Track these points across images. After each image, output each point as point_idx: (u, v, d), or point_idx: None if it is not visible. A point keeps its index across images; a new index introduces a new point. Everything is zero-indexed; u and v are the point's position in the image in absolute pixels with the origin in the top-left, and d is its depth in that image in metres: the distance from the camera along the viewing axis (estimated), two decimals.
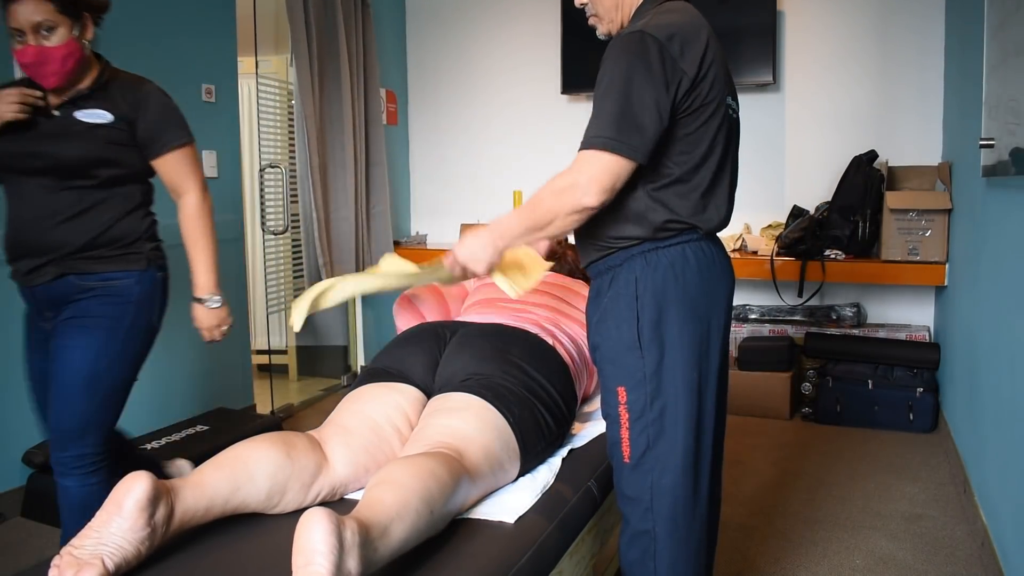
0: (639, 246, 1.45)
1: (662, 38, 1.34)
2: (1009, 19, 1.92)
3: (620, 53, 1.37)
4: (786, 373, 3.56)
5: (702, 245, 1.47)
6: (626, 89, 1.34)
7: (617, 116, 1.34)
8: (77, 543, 1.15)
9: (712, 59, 1.40)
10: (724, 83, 1.45)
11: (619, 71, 1.35)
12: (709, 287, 1.47)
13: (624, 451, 1.46)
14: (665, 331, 1.43)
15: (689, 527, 1.45)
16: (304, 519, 1.05)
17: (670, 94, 1.35)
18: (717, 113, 1.43)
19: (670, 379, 1.43)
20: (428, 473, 1.28)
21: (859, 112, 3.83)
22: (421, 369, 1.70)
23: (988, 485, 2.27)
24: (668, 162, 1.42)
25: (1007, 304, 2.08)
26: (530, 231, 1.41)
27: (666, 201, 1.43)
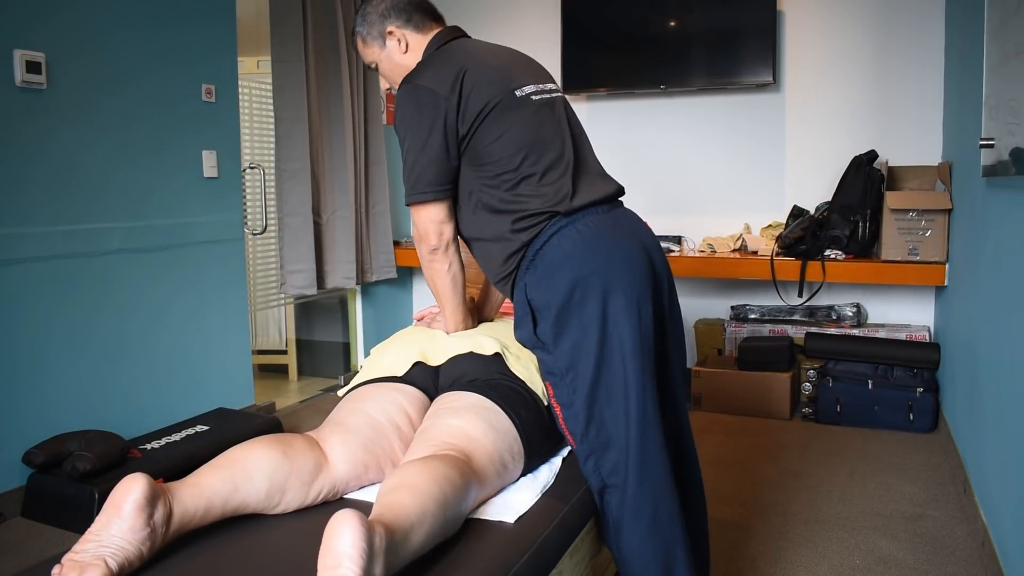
0: (524, 257, 1.57)
1: (422, 82, 1.55)
2: (1009, 19, 1.92)
3: (396, 111, 1.60)
4: (786, 373, 3.56)
5: (576, 227, 1.55)
6: (407, 141, 1.57)
7: (408, 172, 1.59)
8: (78, 548, 1.15)
9: (465, 74, 1.55)
10: (498, 82, 1.58)
11: (398, 127, 1.59)
12: (600, 262, 1.52)
13: (570, 440, 1.58)
14: (565, 322, 1.52)
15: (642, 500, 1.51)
16: (335, 520, 1.04)
17: (443, 127, 1.54)
18: (510, 109, 1.56)
19: (583, 366, 1.51)
20: (444, 478, 1.28)
21: (859, 112, 3.83)
22: (422, 370, 1.69)
23: (988, 485, 2.27)
24: (494, 174, 1.56)
25: (1007, 304, 2.08)
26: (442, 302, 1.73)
27: (507, 207, 1.57)
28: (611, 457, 1.52)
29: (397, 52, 1.70)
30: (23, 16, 2.56)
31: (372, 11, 1.70)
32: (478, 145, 1.56)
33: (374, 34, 1.70)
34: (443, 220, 1.61)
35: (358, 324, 4.41)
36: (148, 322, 3.02)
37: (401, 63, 1.70)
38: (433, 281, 1.70)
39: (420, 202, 1.60)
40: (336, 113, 3.84)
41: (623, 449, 1.51)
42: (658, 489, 1.52)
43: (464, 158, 1.59)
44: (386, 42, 1.70)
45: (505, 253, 1.59)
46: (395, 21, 1.69)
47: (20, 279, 2.58)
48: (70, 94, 2.71)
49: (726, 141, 4.03)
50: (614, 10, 4.03)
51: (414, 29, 1.69)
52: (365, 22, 1.71)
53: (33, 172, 2.61)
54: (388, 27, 1.69)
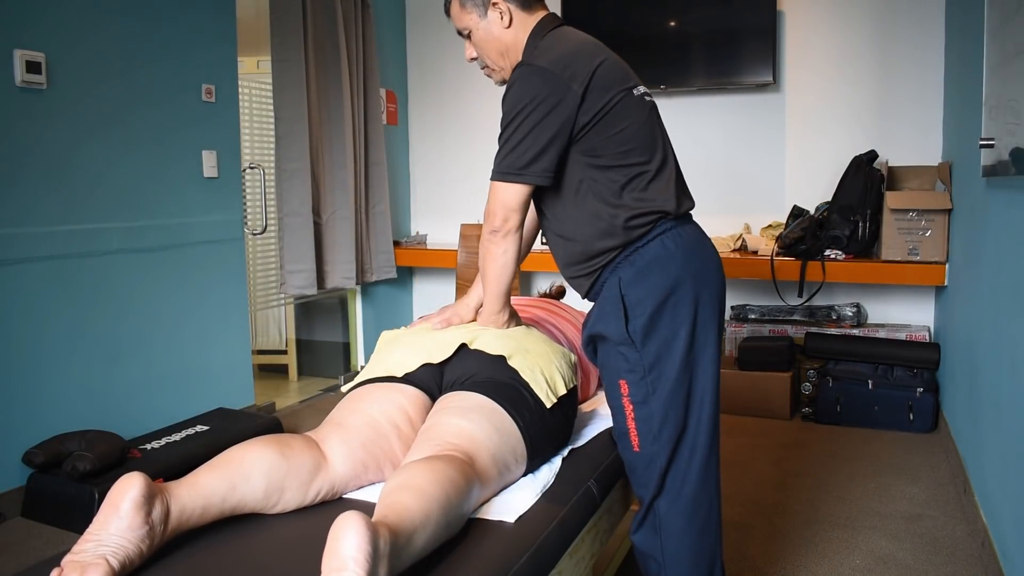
0: (621, 253, 1.57)
1: (545, 65, 1.51)
2: (1009, 19, 1.92)
3: (511, 89, 1.54)
4: (786, 373, 3.56)
5: (679, 231, 1.57)
6: (517, 120, 1.51)
7: (508, 148, 1.53)
8: (77, 549, 1.14)
9: (598, 66, 1.53)
10: (622, 78, 1.58)
11: (509, 105, 1.53)
12: (695, 269, 1.56)
13: (633, 441, 1.57)
14: (658, 322, 1.52)
15: (698, 504, 1.56)
16: (339, 522, 1.03)
17: (564, 114, 1.49)
18: (630, 107, 1.55)
19: (668, 366, 1.53)
20: (447, 479, 1.27)
21: (859, 112, 3.83)
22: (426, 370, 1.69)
23: (988, 485, 2.27)
24: (608, 166, 1.54)
25: (1007, 304, 2.08)
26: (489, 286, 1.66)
27: (622, 202, 1.54)
28: (678, 460, 1.55)
29: (498, 25, 1.63)
30: (23, 16, 2.56)
31: None
32: (596, 137, 1.53)
33: (476, 1, 1.63)
34: (516, 207, 1.56)
35: (358, 324, 4.41)
36: (148, 322, 3.02)
37: (500, 36, 1.64)
38: (484, 260, 1.64)
39: (507, 180, 1.54)
40: (336, 113, 3.84)
41: (690, 453, 1.55)
42: (712, 495, 1.59)
43: (578, 148, 1.55)
44: (487, 12, 1.63)
45: (604, 246, 1.57)
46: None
47: (20, 279, 2.58)
48: (70, 94, 2.71)
49: (726, 141, 4.03)
50: (614, 10, 4.03)
51: (520, 6, 1.63)
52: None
53: (33, 172, 2.61)
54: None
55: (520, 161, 1.52)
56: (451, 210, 4.63)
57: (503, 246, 1.59)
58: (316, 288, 3.76)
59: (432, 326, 1.78)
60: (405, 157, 4.75)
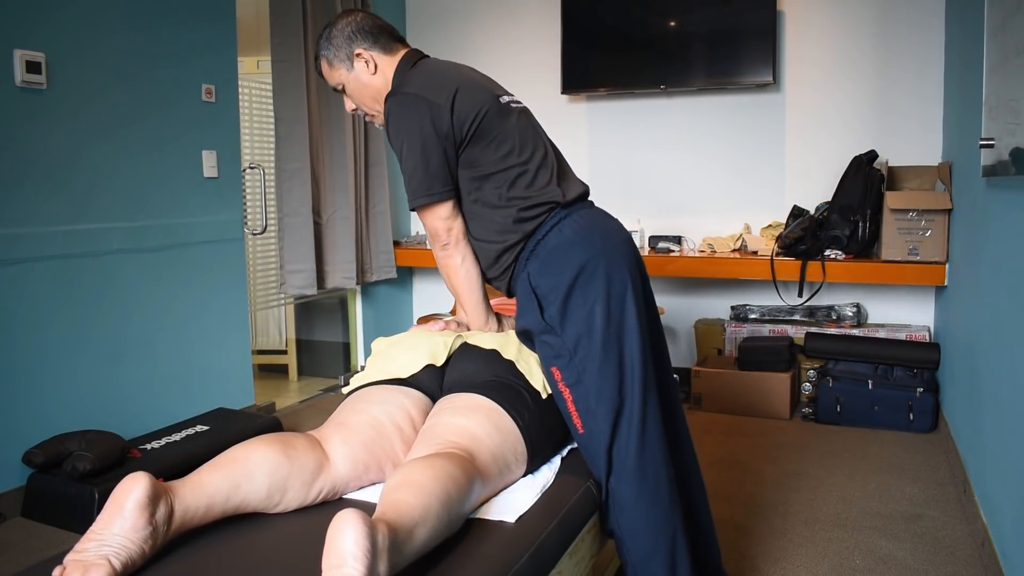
0: (524, 249, 1.67)
1: (413, 90, 1.64)
2: (1009, 19, 1.92)
3: (389, 120, 1.67)
4: (786, 373, 3.56)
5: (574, 217, 1.67)
6: (404, 148, 1.64)
7: (409, 178, 1.65)
8: (80, 548, 1.15)
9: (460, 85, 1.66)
10: (485, 92, 1.70)
11: (394, 136, 1.66)
12: (598, 248, 1.63)
13: (576, 423, 1.62)
14: (570, 305, 1.60)
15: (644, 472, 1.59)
16: (338, 519, 1.05)
17: (441, 130, 1.62)
18: (500, 115, 1.67)
19: (591, 345, 1.59)
20: (447, 476, 1.28)
21: (859, 112, 3.84)
22: (428, 372, 1.69)
23: (988, 485, 2.27)
24: (490, 173, 1.66)
25: (1007, 304, 2.08)
26: (462, 298, 1.77)
27: (510, 202, 1.66)
28: (619, 433, 1.59)
29: (365, 73, 1.76)
30: (23, 16, 2.56)
31: (338, 34, 1.76)
32: (474, 148, 1.66)
33: (341, 56, 1.76)
34: (450, 216, 1.69)
35: (358, 324, 4.41)
36: (148, 322, 3.02)
37: (369, 83, 1.76)
38: (449, 278, 1.76)
39: (426, 204, 1.67)
40: (336, 113, 3.84)
41: (627, 423, 1.59)
42: (657, 462, 1.61)
43: (462, 162, 1.67)
44: (354, 64, 1.76)
45: (505, 246, 1.68)
46: (362, 43, 1.75)
47: (20, 279, 2.58)
48: (70, 94, 2.71)
49: (726, 141, 4.03)
50: (614, 10, 4.04)
51: (381, 51, 1.76)
52: (331, 45, 1.76)
53: (33, 172, 2.61)
54: (356, 49, 1.75)
55: (425, 184, 1.64)
56: None
57: (458, 255, 1.72)
58: (316, 288, 3.76)
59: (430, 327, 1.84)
60: None
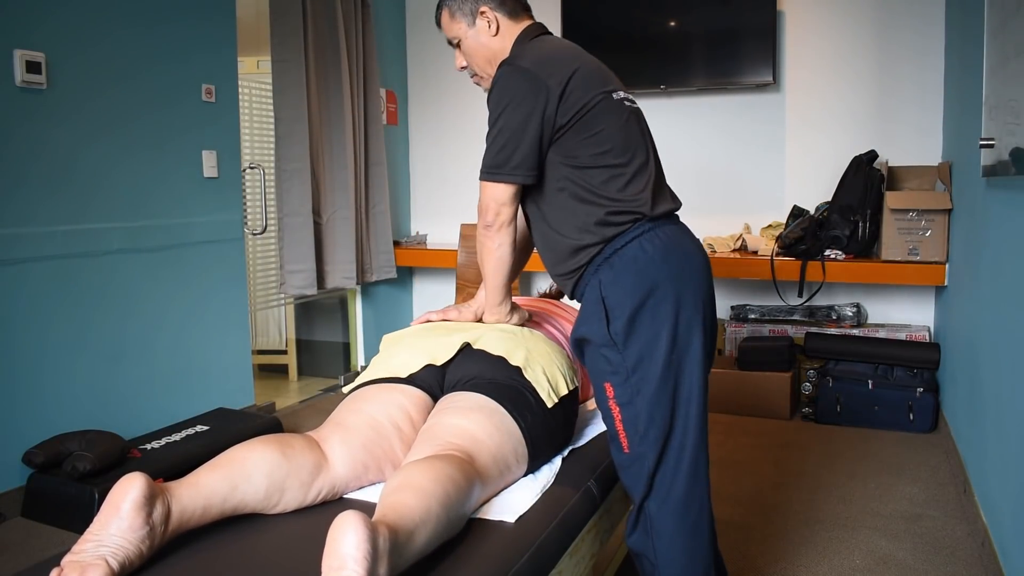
0: (600, 254, 1.58)
1: (526, 65, 1.57)
2: (1009, 20, 1.92)
3: (494, 88, 1.61)
4: (786, 373, 3.56)
5: (657, 232, 1.58)
6: (500, 120, 1.58)
7: (495, 148, 1.58)
8: (77, 549, 1.14)
9: (576, 69, 1.58)
10: (600, 83, 1.61)
11: (493, 104, 1.60)
12: (675, 270, 1.56)
13: (623, 442, 1.56)
14: (638, 323, 1.53)
15: (688, 504, 1.56)
16: (339, 522, 1.04)
17: (544, 112, 1.54)
18: (608, 110, 1.59)
19: (651, 367, 1.53)
20: (447, 478, 1.28)
21: (859, 112, 3.83)
22: (429, 371, 1.69)
23: (988, 485, 2.27)
24: (585, 166, 1.58)
25: (1007, 304, 2.08)
26: (486, 277, 1.71)
27: (598, 200, 1.57)
28: (666, 460, 1.55)
29: (486, 33, 1.70)
30: (23, 16, 2.56)
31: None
32: (575, 137, 1.58)
33: (465, 10, 1.71)
34: (506, 202, 1.61)
35: (358, 324, 4.41)
36: (148, 322, 3.02)
37: (488, 44, 1.71)
38: (482, 256, 1.69)
39: (495, 180, 1.60)
40: (336, 113, 3.84)
41: (678, 453, 1.55)
42: (702, 495, 1.58)
43: (556, 148, 1.59)
44: (476, 20, 1.70)
45: (581, 245, 1.60)
46: (489, 2, 1.70)
47: (20, 279, 2.58)
48: (70, 94, 2.71)
49: (726, 141, 4.03)
50: (614, 10, 4.03)
51: (506, 14, 1.70)
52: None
53: (33, 172, 2.61)
54: (482, 6, 1.69)
55: (506, 160, 1.57)
56: (451, 210, 4.63)
57: (498, 239, 1.64)
58: (316, 288, 3.76)
59: (433, 316, 1.84)
60: (405, 157, 4.75)
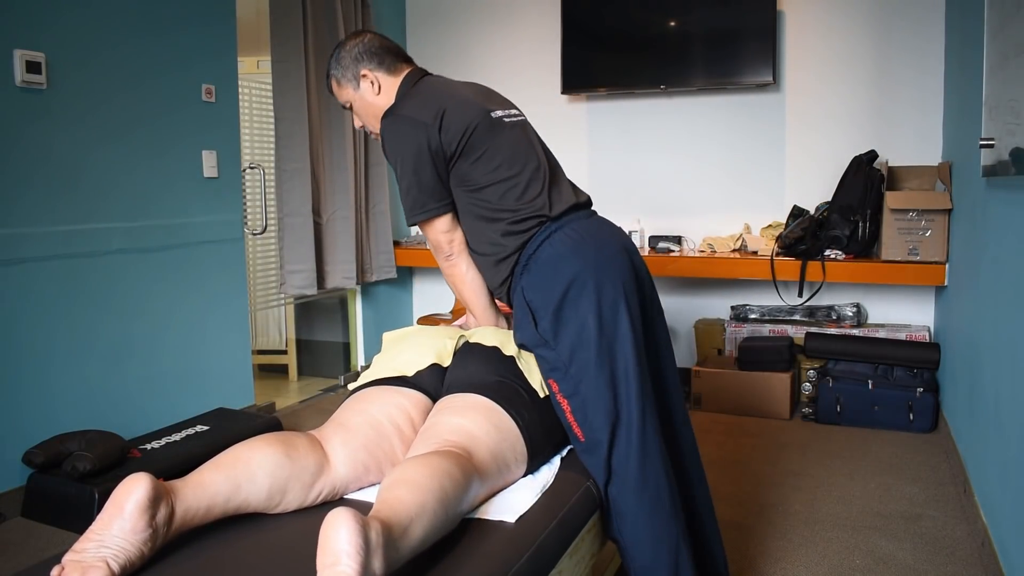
0: (517, 263, 1.70)
1: (404, 112, 1.71)
2: (1009, 20, 1.92)
3: (383, 140, 1.74)
4: (786, 373, 3.56)
5: (566, 230, 1.69)
6: (399, 167, 1.71)
7: (405, 195, 1.72)
8: (79, 547, 1.14)
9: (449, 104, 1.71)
10: (475, 108, 1.74)
11: (389, 155, 1.73)
12: (590, 259, 1.65)
13: (577, 433, 1.63)
14: (562, 317, 1.62)
15: (644, 482, 1.60)
16: (330, 518, 1.05)
17: (431, 148, 1.67)
18: (490, 131, 1.72)
19: (584, 356, 1.60)
20: (443, 473, 1.28)
21: (859, 112, 3.83)
22: (430, 372, 1.69)
23: (988, 485, 2.27)
24: (481, 186, 1.70)
25: (1007, 304, 2.08)
26: (470, 304, 1.83)
27: (500, 215, 1.70)
28: (618, 442, 1.60)
29: (370, 93, 1.82)
30: (23, 16, 2.56)
31: (346, 55, 1.82)
32: (464, 163, 1.71)
33: (348, 76, 1.82)
34: (450, 229, 1.76)
35: (358, 324, 4.41)
36: (148, 322, 3.02)
37: (374, 103, 1.82)
38: (456, 287, 1.83)
39: (424, 220, 1.74)
40: (336, 113, 3.84)
41: (626, 432, 1.60)
42: (657, 472, 1.61)
43: (454, 178, 1.72)
44: (360, 84, 1.82)
45: (499, 259, 1.73)
46: (368, 64, 1.81)
47: (19, 279, 2.58)
48: (70, 94, 2.71)
49: (726, 141, 4.03)
50: (614, 10, 4.03)
51: (386, 72, 1.83)
52: (339, 65, 1.83)
53: (33, 172, 2.61)
54: (362, 70, 1.82)
55: (420, 200, 1.71)
56: None
57: (462, 264, 1.79)
58: (316, 288, 3.76)
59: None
60: None
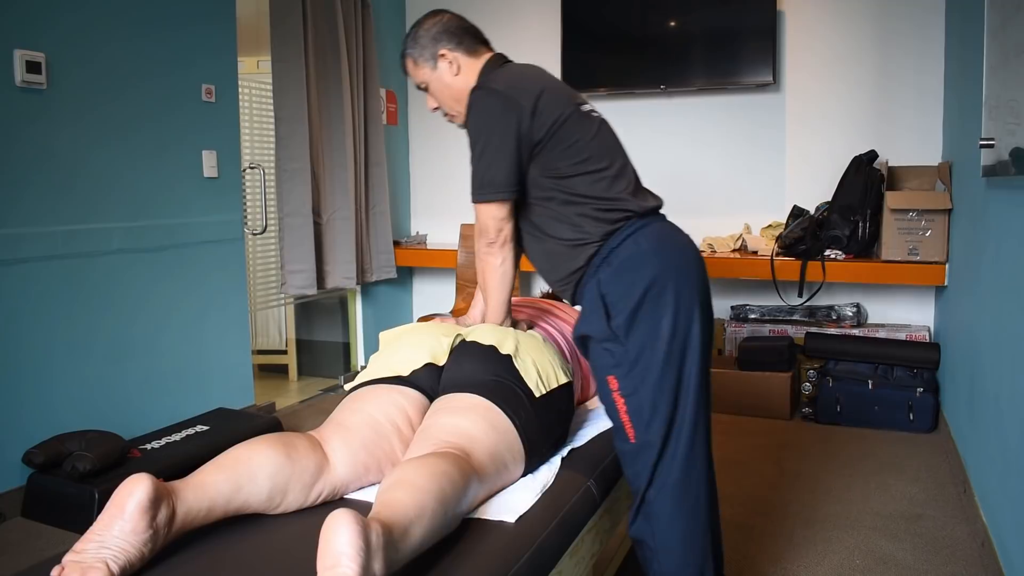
0: (597, 254, 1.65)
1: (497, 87, 1.65)
2: (1009, 19, 1.92)
3: (470, 113, 1.68)
4: (786, 373, 3.55)
5: (650, 229, 1.66)
6: (481, 142, 1.65)
7: (480, 170, 1.66)
8: (79, 548, 1.14)
9: (544, 88, 1.66)
10: (567, 98, 1.69)
11: (472, 128, 1.67)
12: (671, 263, 1.63)
13: (628, 432, 1.61)
14: (639, 316, 1.59)
15: (686, 488, 1.61)
16: (330, 520, 1.05)
17: (520, 129, 1.62)
18: (579, 123, 1.67)
19: (653, 358, 1.58)
20: (442, 474, 1.28)
21: (859, 112, 3.83)
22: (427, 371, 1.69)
23: (988, 485, 2.27)
24: (568, 175, 1.65)
25: (1007, 304, 2.08)
26: (489, 295, 1.75)
27: (587, 205, 1.65)
28: (668, 447, 1.59)
29: (448, 74, 1.77)
30: (23, 16, 2.56)
31: (424, 34, 1.78)
32: (551, 152, 1.65)
33: (426, 56, 1.77)
34: (505, 218, 1.69)
35: (358, 324, 4.41)
36: (148, 322, 3.02)
37: (452, 84, 1.78)
38: (484, 274, 1.75)
39: (488, 200, 1.67)
40: (336, 113, 3.84)
41: (677, 438, 1.60)
42: (700, 480, 1.63)
43: (537, 164, 1.66)
44: (437, 64, 1.78)
45: (579, 244, 1.67)
46: (447, 44, 1.77)
47: (20, 279, 2.58)
48: (70, 94, 2.71)
49: (726, 141, 4.03)
50: (614, 10, 4.04)
51: (465, 52, 1.78)
52: (416, 45, 1.78)
53: (33, 172, 2.61)
54: (440, 50, 1.77)
55: (494, 180, 1.65)
56: (451, 210, 4.63)
57: (501, 256, 1.71)
58: (316, 288, 3.76)
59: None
60: (405, 157, 4.75)
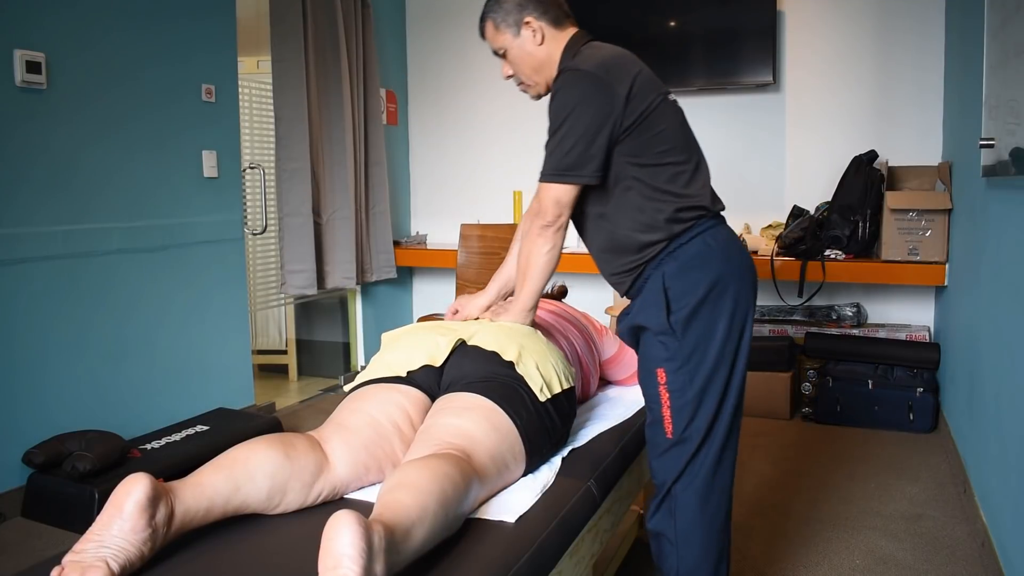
0: (664, 249, 1.63)
1: (590, 69, 1.59)
2: (1009, 19, 1.92)
3: (558, 92, 1.62)
4: (786, 373, 3.55)
5: (717, 230, 1.66)
6: (567, 123, 1.59)
7: (559, 151, 1.60)
8: (79, 548, 1.14)
9: (638, 73, 1.63)
10: (657, 85, 1.68)
11: (558, 107, 1.61)
12: (733, 266, 1.64)
13: (667, 427, 1.63)
14: (699, 314, 1.60)
15: (712, 487, 1.63)
16: (332, 521, 1.04)
17: (610, 115, 1.57)
18: (666, 111, 1.65)
19: (706, 357, 1.60)
20: (443, 476, 1.28)
21: (859, 112, 3.83)
22: (427, 371, 1.69)
23: (988, 485, 2.27)
24: (649, 164, 1.62)
25: (1007, 304, 2.08)
26: (529, 281, 1.71)
27: (665, 197, 1.62)
28: (703, 445, 1.62)
29: (531, 43, 1.72)
30: (23, 16, 2.56)
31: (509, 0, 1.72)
32: (639, 138, 1.61)
33: (509, 22, 1.72)
34: (568, 203, 1.64)
35: (358, 324, 4.41)
36: (148, 322, 3.02)
37: (534, 53, 1.72)
38: (529, 256, 1.70)
39: (562, 182, 1.62)
40: (336, 113, 3.84)
41: (713, 438, 1.62)
42: (726, 480, 1.66)
43: (621, 148, 1.62)
44: (520, 31, 1.72)
45: (648, 241, 1.63)
46: (533, 12, 1.71)
47: (20, 279, 2.58)
48: (70, 94, 2.71)
49: (726, 141, 4.03)
50: (614, 10, 4.03)
51: (551, 23, 1.72)
52: (500, 8, 1.72)
53: (33, 172, 2.61)
54: (526, 17, 1.71)
55: (571, 162, 1.59)
56: (451, 210, 4.63)
57: (553, 240, 1.67)
58: (316, 288, 3.76)
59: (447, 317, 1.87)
60: (405, 157, 4.75)
